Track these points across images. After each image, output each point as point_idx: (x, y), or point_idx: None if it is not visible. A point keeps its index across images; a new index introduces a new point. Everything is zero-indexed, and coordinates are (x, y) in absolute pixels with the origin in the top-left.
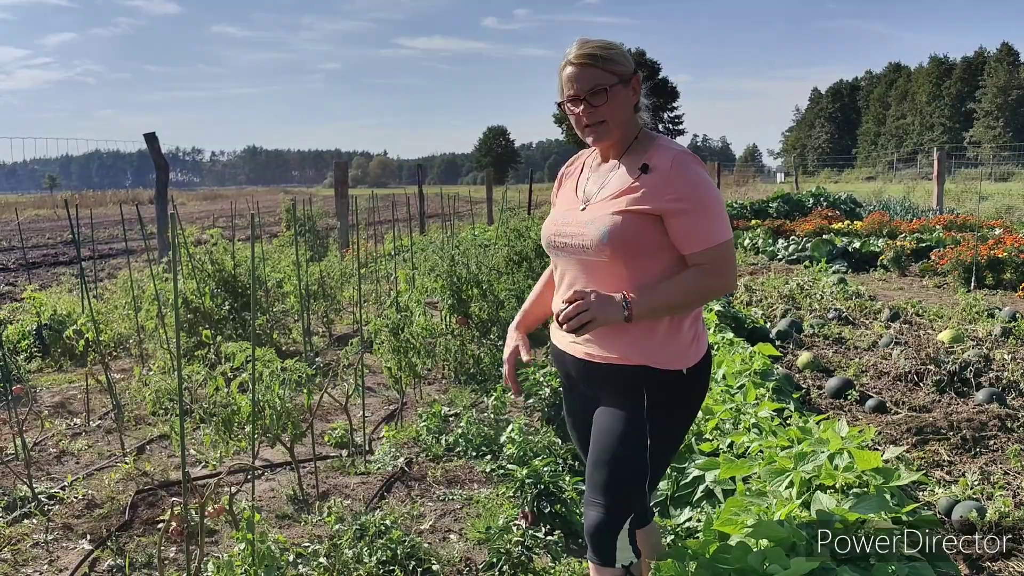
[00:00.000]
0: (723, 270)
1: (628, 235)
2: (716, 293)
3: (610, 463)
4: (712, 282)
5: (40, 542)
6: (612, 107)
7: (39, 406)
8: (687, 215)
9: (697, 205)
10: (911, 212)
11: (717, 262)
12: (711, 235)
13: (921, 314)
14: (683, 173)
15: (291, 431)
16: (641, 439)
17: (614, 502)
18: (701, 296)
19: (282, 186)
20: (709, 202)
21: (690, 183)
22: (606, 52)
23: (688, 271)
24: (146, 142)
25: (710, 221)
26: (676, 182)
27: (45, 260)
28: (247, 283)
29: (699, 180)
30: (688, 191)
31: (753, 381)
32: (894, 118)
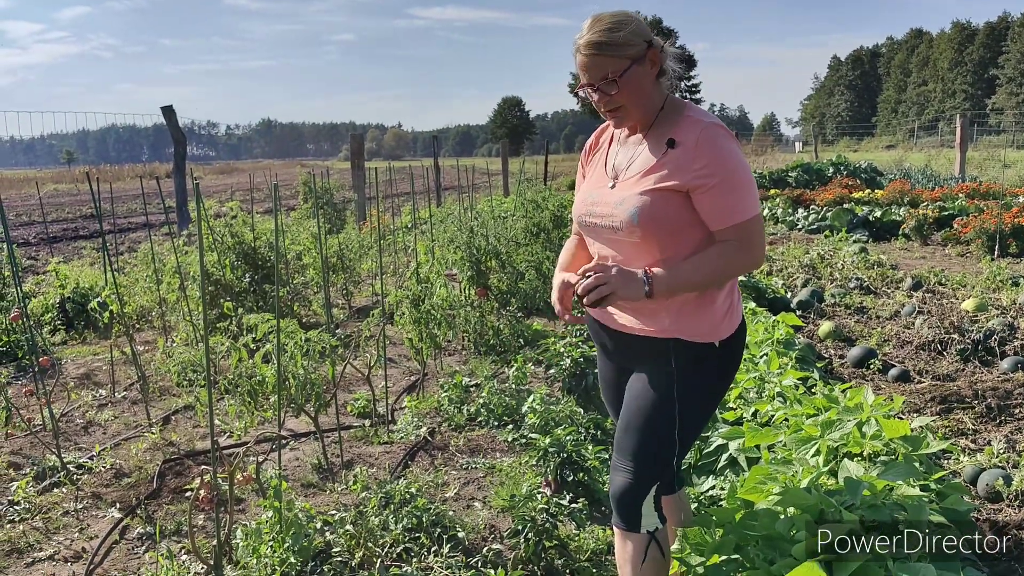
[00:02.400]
0: (749, 247)
1: (658, 215)
2: (742, 270)
3: (640, 430)
4: (738, 259)
5: (70, 510)
6: (627, 92)
7: (65, 378)
8: (714, 190)
9: (724, 180)
10: (933, 180)
11: (744, 238)
12: (738, 211)
13: (944, 283)
14: (710, 147)
15: (315, 401)
16: (671, 409)
17: (642, 468)
18: (726, 273)
19: (297, 159)
20: (737, 176)
21: (717, 157)
22: (613, 36)
23: (714, 247)
24: (163, 115)
25: (737, 196)
26: (703, 156)
27: (65, 234)
28: (267, 255)
29: (726, 154)
30: (715, 165)
31: (776, 350)
32: (915, 85)
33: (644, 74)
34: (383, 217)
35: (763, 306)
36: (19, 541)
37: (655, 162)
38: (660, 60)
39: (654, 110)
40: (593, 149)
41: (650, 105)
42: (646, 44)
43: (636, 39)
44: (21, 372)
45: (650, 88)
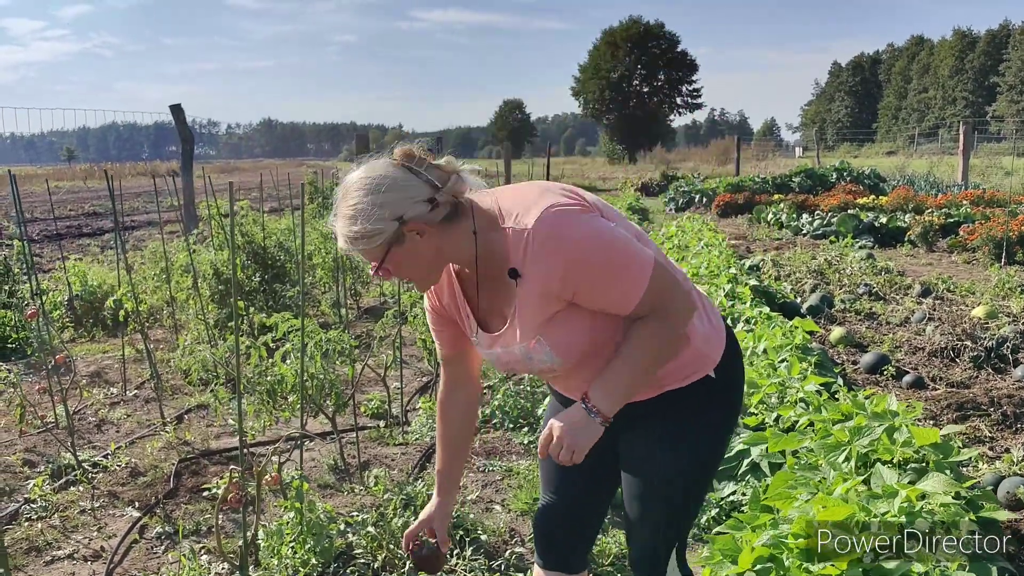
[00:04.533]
0: (666, 310)
1: (571, 342)
2: (679, 328)
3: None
4: (663, 329)
5: (87, 509)
6: (400, 270)
7: (76, 375)
8: (591, 290)
9: (590, 274)
10: (936, 187)
11: (656, 305)
12: (630, 288)
13: (952, 290)
14: (548, 255)
15: (334, 401)
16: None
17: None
18: (662, 349)
19: (298, 159)
20: (600, 259)
21: (564, 259)
22: (353, 231)
23: (631, 333)
24: (171, 113)
25: (618, 276)
26: (549, 270)
27: (69, 232)
28: (276, 255)
29: (571, 247)
30: (570, 269)
31: (796, 356)
32: (916, 92)
33: (413, 249)
34: None
35: (775, 311)
36: (37, 539)
37: (518, 301)
38: (425, 225)
39: (460, 254)
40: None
41: (445, 258)
42: (396, 225)
43: (381, 224)
44: (31, 370)
45: (431, 252)
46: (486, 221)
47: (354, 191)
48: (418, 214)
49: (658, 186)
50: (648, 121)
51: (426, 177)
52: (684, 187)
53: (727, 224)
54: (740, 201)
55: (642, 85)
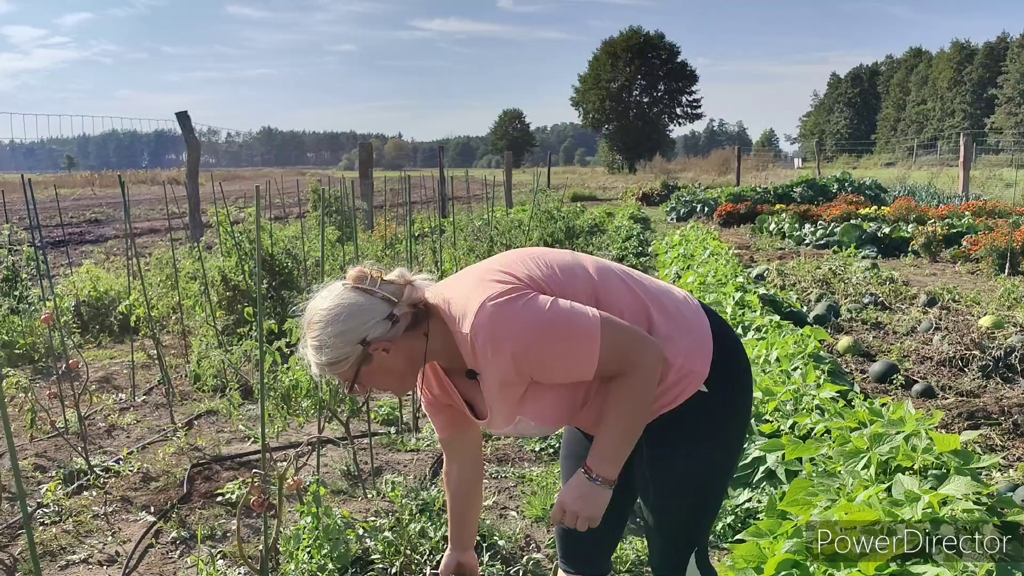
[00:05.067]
0: (629, 360)
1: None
2: (645, 378)
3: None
4: (636, 382)
5: (100, 514)
6: (374, 383)
7: (86, 381)
8: (545, 370)
9: (532, 358)
10: (937, 198)
11: (618, 360)
12: (583, 357)
13: (958, 300)
14: (494, 356)
15: (348, 406)
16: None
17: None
18: (641, 402)
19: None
20: (543, 342)
21: (510, 355)
22: (321, 358)
23: (607, 397)
24: (178, 121)
25: (565, 352)
26: (502, 366)
27: (71, 238)
28: (283, 261)
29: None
30: (519, 360)
31: (811, 364)
32: (914, 104)
33: (381, 364)
34: (390, 226)
35: (783, 320)
36: (51, 544)
37: (486, 395)
38: (389, 343)
39: (433, 354)
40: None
41: (414, 366)
42: (360, 346)
43: (346, 350)
44: (38, 375)
45: (401, 363)
46: (437, 326)
47: (316, 323)
48: (380, 334)
49: (659, 196)
50: (647, 131)
51: (381, 295)
52: (686, 197)
53: (729, 234)
54: (742, 211)
55: (642, 95)
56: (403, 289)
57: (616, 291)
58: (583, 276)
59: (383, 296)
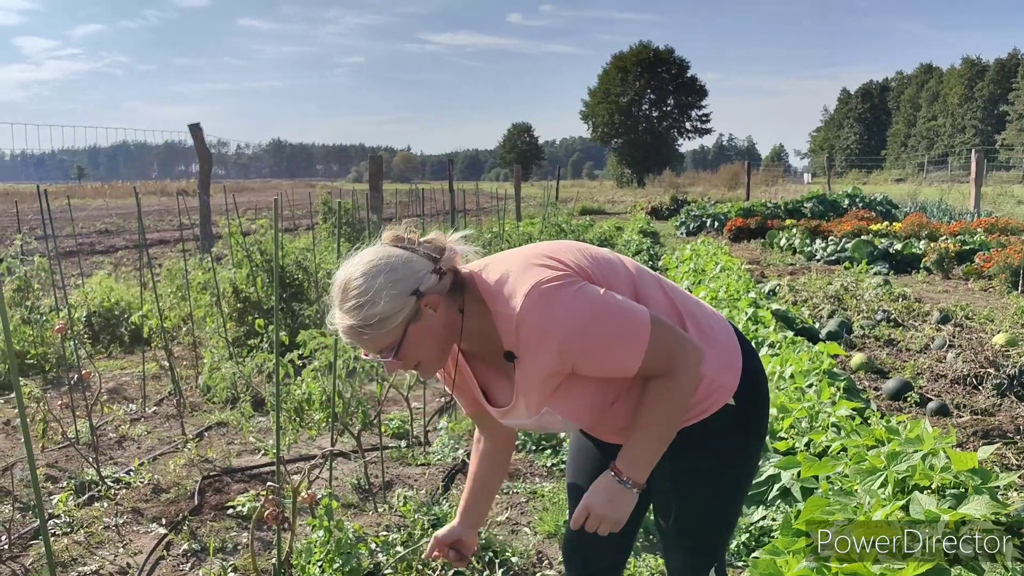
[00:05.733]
0: (674, 365)
1: (585, 405)
2: (686, 381)
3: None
4: (677, 383)
5: (111, 525)
6: (414, 352)
7: (96, 392)
8: (589, 362)
9: (577, 347)
10: (948, 214)
11: (661, 361)
12: (627, 352)
13: (971, 317)
14: (542, 341)
15: (360, 420)
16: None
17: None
18: (680, 404)
19: (306, 179)
20: (584, 333)
21: (546, 337)
22: (369, 315)
23: (646, 396)
24: (191, 132)
25: (611, 345)
26: (547, 351)
27: (82, 249)
28: (294, 273)
29: (561, 329)
30: (552, 346)
31: (826, 381)
32: (925, 120)
33: (427, 325)
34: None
35: (798, 336)
36: (63, 555)
37: (519, 380)
38: (439, 297)
39: (459, 334)
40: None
41: (450, 339)
42: (413, 297)
43: (400, 303)
44: (49, 385)
45: (442, 328)
46: (477, 299)
47: (357, 279)
48: (431, 285)
49: (668, 210)
50: (657, 145)
51: (422, 251)
52: (695, 211)
53: (739, 249)
54: (752, 226)
55: (651, 110)
56: (442, 250)
57: (653, 294)
58: (624, 273)
59: (424, 252)
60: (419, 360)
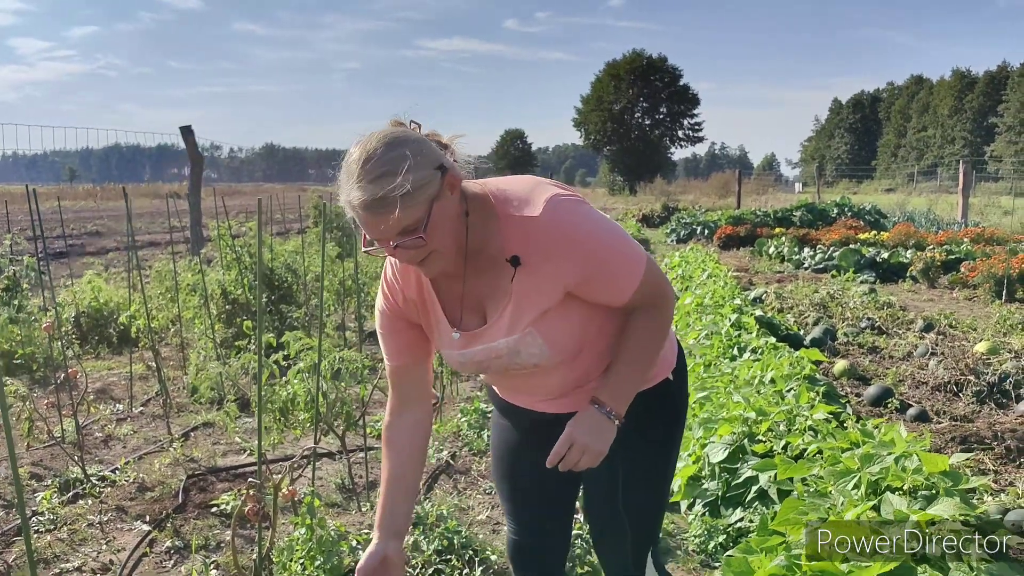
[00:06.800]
0: (661, 297)
1: (565, 335)
2: (668, 319)
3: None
4: (660, 317)
5: (95, 523)
6: (433, 237)
7: (83, 391)
8: (595, 278)
9: (597, 262)
10: (936, 224)
11: (649, 296)
12: (629, 277)
13: (955, 326)
14: (557, 247)
15: (344, 420)
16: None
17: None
18: (660, 336)
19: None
20: (604, 248)
21: (572, 246)
22: (399, 186)
23: (630, 325)
24: (182, 135)
25: (619, 265)
26: (558, 259)
27: (72, 250)
28: (283, 276)
29: (578, 236)
30: (578, 256)
31: (805, 386)
32: (915, 130)
33: (448, 207)
34: None
35: (782, 342)
36: (45, 552)
37: (513, 290)
38: (458, 181)
39: (464, 234)
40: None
41: (461, 233)
42: (439, 171)
43: (427, 175)
44: (36, 384)
45: (457, 217)
46: (482, 203)
47: (381, 149)
48: (450, 164)
49: (659, 217)
50: (649, 153)
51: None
52: (686, 219)
53: (729, 256)
54: (742, 234)
55: (644, 118)
56: (446, 146)
57: None
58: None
59: (434, 140)
60: (436, 248)
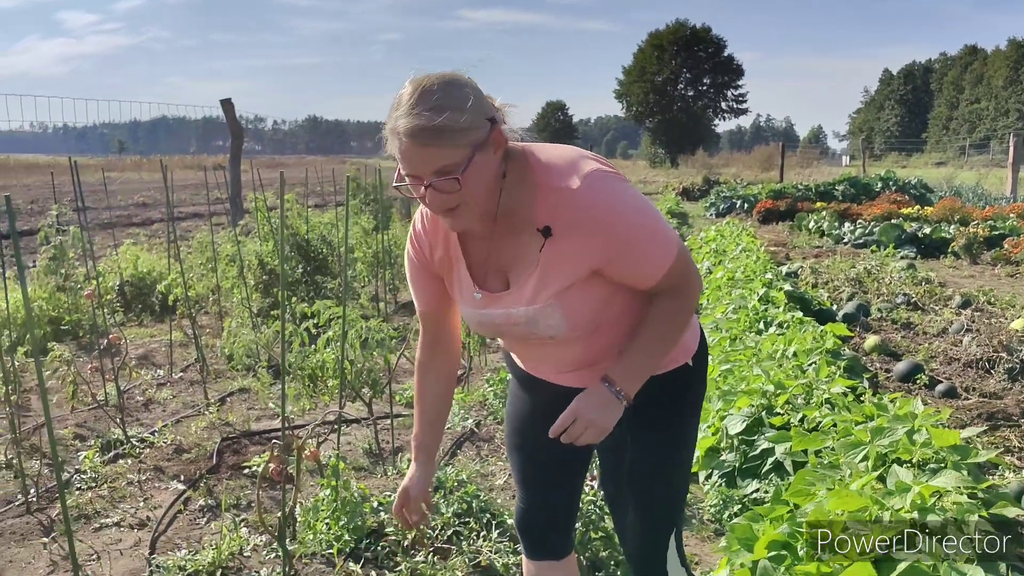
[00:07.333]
0: (688, 284)
1: (586, 311)
2: (692, 307)
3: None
4: (684, 303)
5: (134, 481)
6: (468, 187)
7: (125, 357)
8: (625, 257)
9: (627, 242)
10: (983, 199)
11: (677, 283)
12: (660, 259)
13: (993, 302)
14: (592, 221)
15: (371, 387)
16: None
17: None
18: (681, 322)
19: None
20: (638, 228)
21: (606, 226)
22: (451, 121)
23: (653, 308)
24: (222, 108)
25: (651, 247)
26: (590, 234)
27: (119, 221)
28: (319, 247)
29: (614, 213)
30: (610, 236)
31: (825, 359)
32: (968, 102)
33: (488, 161)
34: None
35: (811, 317)
36: (87, 508)
37: (541, 260)
38: (504, 139)
39: (498, 188)
40: (434, 249)
41: (494, 195)
42: (489, 123)
43: (478, 120)
44: (82, 350)
45: (495, 176)
46: (517, 170)
47: (438, 84)
48: (501, 120)
49: (699, 191)
50: (692, 125)
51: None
52: (725, 192)
53: (767, 231)
54: (782, 208)
55: (687, 89)
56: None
57: None
58: None
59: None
60: (467, 199)
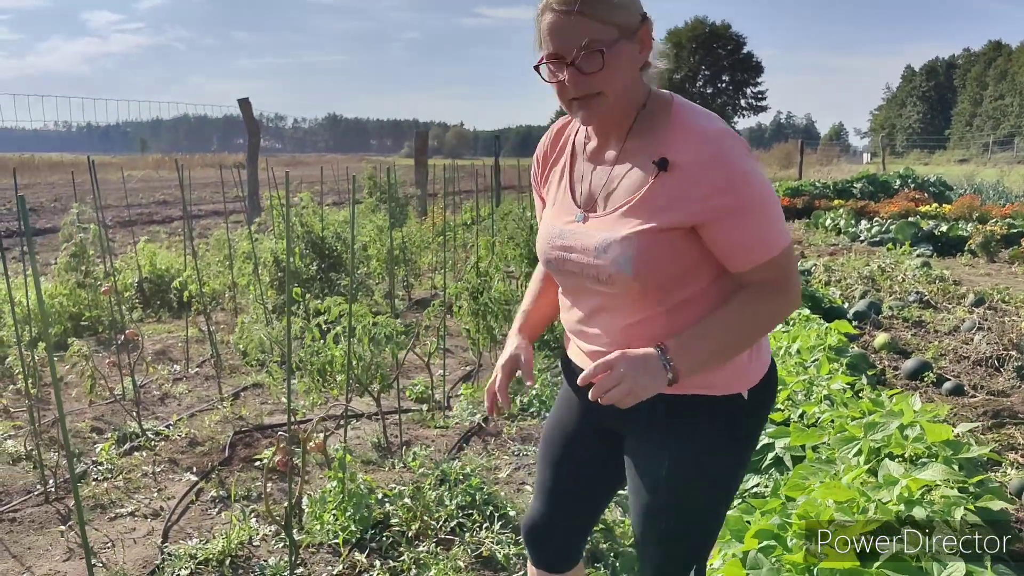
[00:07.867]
0: (786, 286)
1: (659, 261)
2: (781, 316)
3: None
4: (775, 305)
5: (148, 473)
6: (610, 73)
7: (143, 352)
8: (731, 223)
9: (743, 208)
10: (1004, 197)
11: (778, 278)
12: (767, 243)
13: (1008, 301)
14: (719, 167)
15: (379, 382)
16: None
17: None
18: (763, 325)
19: (360, 154)
20: (759, 201)
21: (730, 180)
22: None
23: (739, 296)
24: (240, 107)
25: (763, 225)
26: (710, 181)
27: (140, 218)
28: (333, 245)
29: (741, 172)
30: (729, 192)
31: (827, 356)
32: (992, 99)
33: (633, 56)
34: (443, 213)
35: (817, 314)
36: (103, 497)
37: (644, 191)
38: (649, 44)
39: (635, 107)
40: (549, 160)
41: (631, 99)
42: (641, 15)
43: (633, 6)
44: (101, 345)
45: (635, 77)
46: (657, 103)
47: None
48: (649, 27)
49: None
50: None
51: None
52: None
53: None
54: (799, 205)
55: (706, 86)
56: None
57: None
58: None
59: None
60: (605, 89)
